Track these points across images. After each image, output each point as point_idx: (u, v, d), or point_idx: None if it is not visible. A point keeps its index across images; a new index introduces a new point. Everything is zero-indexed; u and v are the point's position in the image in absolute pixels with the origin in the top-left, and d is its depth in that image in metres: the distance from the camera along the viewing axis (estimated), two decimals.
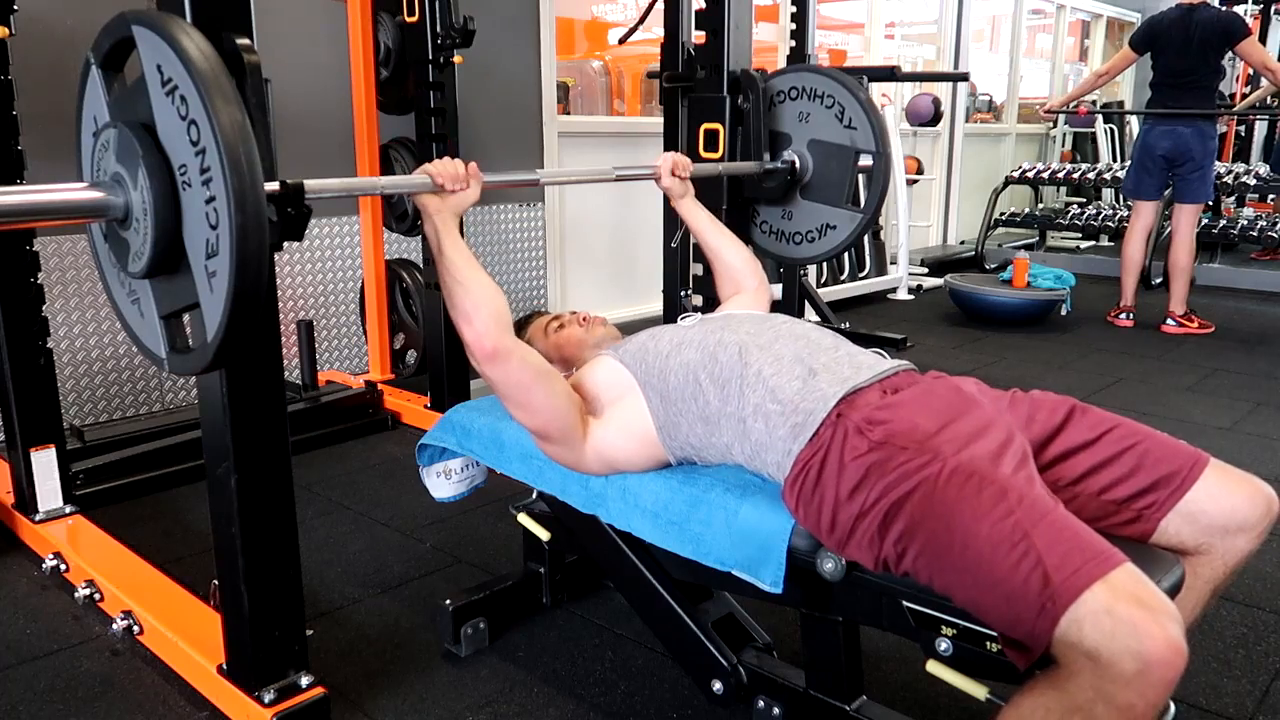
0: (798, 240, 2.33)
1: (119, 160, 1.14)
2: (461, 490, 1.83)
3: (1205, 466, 1.30)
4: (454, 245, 1.45)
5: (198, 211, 1.06)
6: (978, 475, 1.15)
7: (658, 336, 1.55)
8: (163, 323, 1.21)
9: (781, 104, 2.27)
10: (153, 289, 1.21)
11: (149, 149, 1.10)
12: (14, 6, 2.09)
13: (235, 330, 1.08)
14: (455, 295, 1.42)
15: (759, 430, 1.36)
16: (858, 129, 2.12)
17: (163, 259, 1.12)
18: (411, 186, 1.49)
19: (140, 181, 1.10)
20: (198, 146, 1.03)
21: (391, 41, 3.18)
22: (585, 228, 4.67)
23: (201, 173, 1.04)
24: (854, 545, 1.24)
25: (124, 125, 1.13)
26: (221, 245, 1.03)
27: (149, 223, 1.10)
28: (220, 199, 1.01)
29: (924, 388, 1.38)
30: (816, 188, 2.24)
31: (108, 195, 1.15)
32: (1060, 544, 1.05)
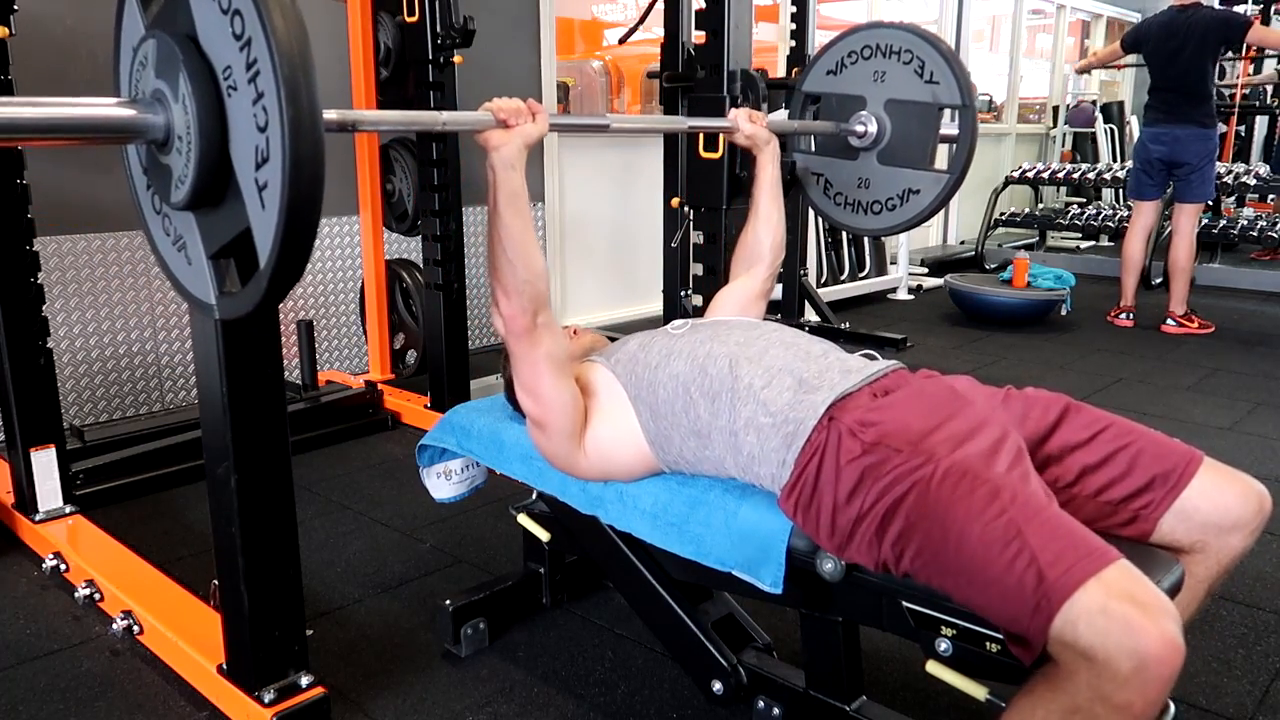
0: (877, 209, 2.12)
1: (158, 75, 1.05)
2: (461, 491, 1.83)
3: (1199, 464, 1.31)
4: (512, 202, 1.37)
5: (245, 117, 0.97)
6: (971, 475, 1.15)
7: (648, 346, 1.52)
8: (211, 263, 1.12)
9: (853, 64, 2.10)
10: (198, 224, 1.12)
11: (189, 52, 1.01)
12: (14, 6, 2.09)
13: (290, 250, 0.98)
14: (501, 268, 1.37)
15: (751, 443, 1.36)
16: (940, 83, 1.96)
17: (208, 180, 1.03)
18: (473, 123, 1.39)
19: (181, 90, 1.01)
20: (242, 39, 0.94)
21: (391, 41, 3.18)
22: (585, 227, 4.67)
23: (248, 69, 0.94)
24: (854, 548, 1.24)
25: (161, 33, 1.05)
26: (272, 148, 0.94)
27: (192, 136, 1.01)
28: (270, 93, 0.92)
29: (916, 388, 1.38)
30: (896, 150, 2.07)
31: (145, 113, 1.05)
32: (1054, 542, 1.05)
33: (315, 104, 0.93)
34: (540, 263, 1.39)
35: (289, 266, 1.00)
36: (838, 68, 2.14)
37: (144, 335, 3.17)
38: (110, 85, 1.26)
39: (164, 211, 1.17)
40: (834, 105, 2.15)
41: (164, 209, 1.17)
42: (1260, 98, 7.52)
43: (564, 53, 5.12)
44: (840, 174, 2.18)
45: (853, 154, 2.13)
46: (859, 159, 2.12)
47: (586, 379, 1.54)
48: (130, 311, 3.13)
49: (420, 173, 3.06)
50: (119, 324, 3.11)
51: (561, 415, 1.45)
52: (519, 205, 1.38)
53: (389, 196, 3.40)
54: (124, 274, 3.08)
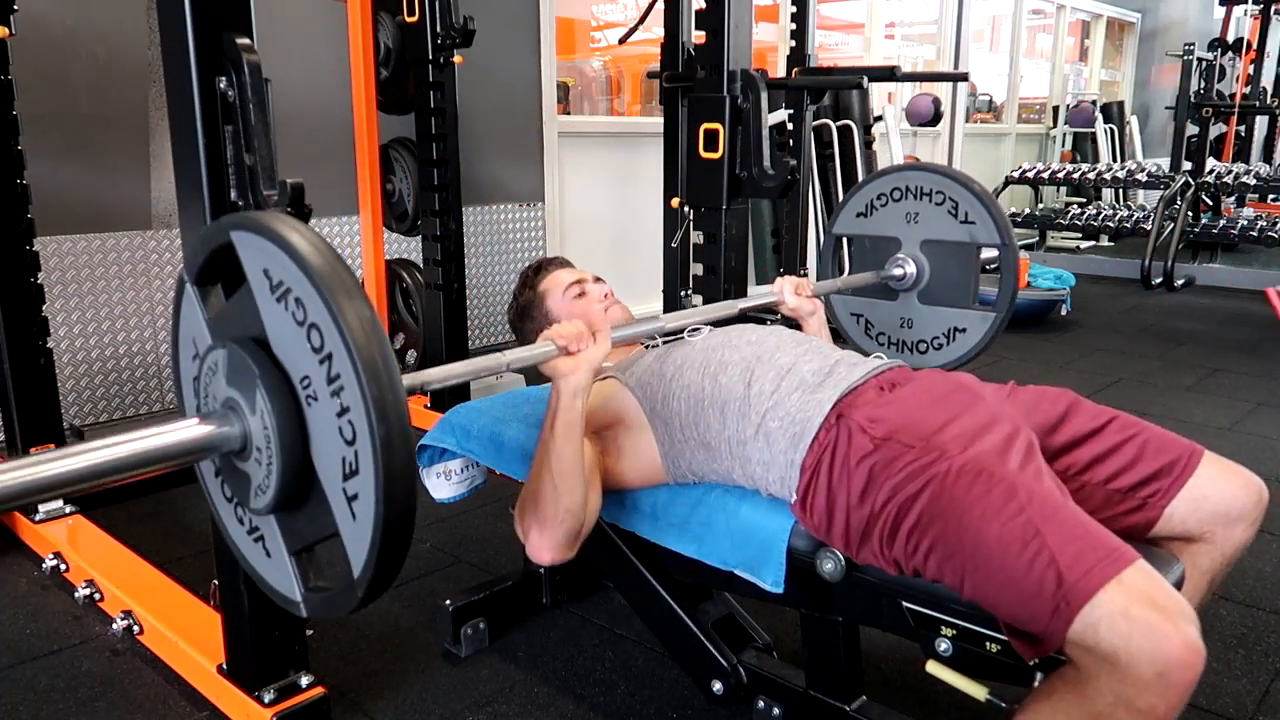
0: (923, 349, 2.11)
1: (230, 383, 1.00)
2: (461, 491, 1.83)
3: (1202, 457, 1.32)
4: (569, 430, 1.32)
5: (328, 428, 0.93)
6: (986, 472, 1.15)
7: (663, 357, 1.51)
8: (293, 559, 1.06)
9: (883, 206, 2.12)
10: (279, 523, 1.06)
11: (264, 365, 0.96)
12: (14, 6, 2.09)
13: (387, 559, 0.94)
14: (543, 496, 1.32)
15: (759, 450, 1.35)
16: (976, 223, 1.98)
17: (291, 489, 0.98)
18: (538, 357, 1.34)
19: (259, 404, 0.97)
20: (321, 353, 0.91)
21: (391, 41, 3.18)
22: (585, 228, 4.67)
23: (329, 382, 0.91)
24: (868, 549, 1.23)
25: (232, 343, 1.00)
26: (363, 463, 0.90)
27: (273, 449, 0.96)
28: (356, 408, 0.88)
29: (924, 383, 1.38)
30: (937, 290, 2.07)
31: (221, 426, 1.00)
32: (1073, 542, 1.05)
33: (406, 420, 0.90)
34: (583, 496, 1.34)
35: (386, 574, 0.96)
36: (868, 210, 2.13)
37: (144, 335, 3.17)
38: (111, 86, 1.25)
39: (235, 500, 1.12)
40: (868, 247, 2.14)
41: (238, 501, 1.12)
42: (1260, 98, 7.52)
43: (565, 52, 5.12)
44: (881, 315, 2.16)
45: (893, 295, 2.12)
46: (899, 299, 2.11)
47: (604, 399, 1.52)
48: (130, 311, 3.12)
49: (420, 173, 3.06)
50: (119, 324, 3.11)
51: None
52: (574, 434, 1.33)
53: (389, 196, 3.39)
54: (124, 274, 3.08)
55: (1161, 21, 9.99)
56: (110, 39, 2.89)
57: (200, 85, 1.32)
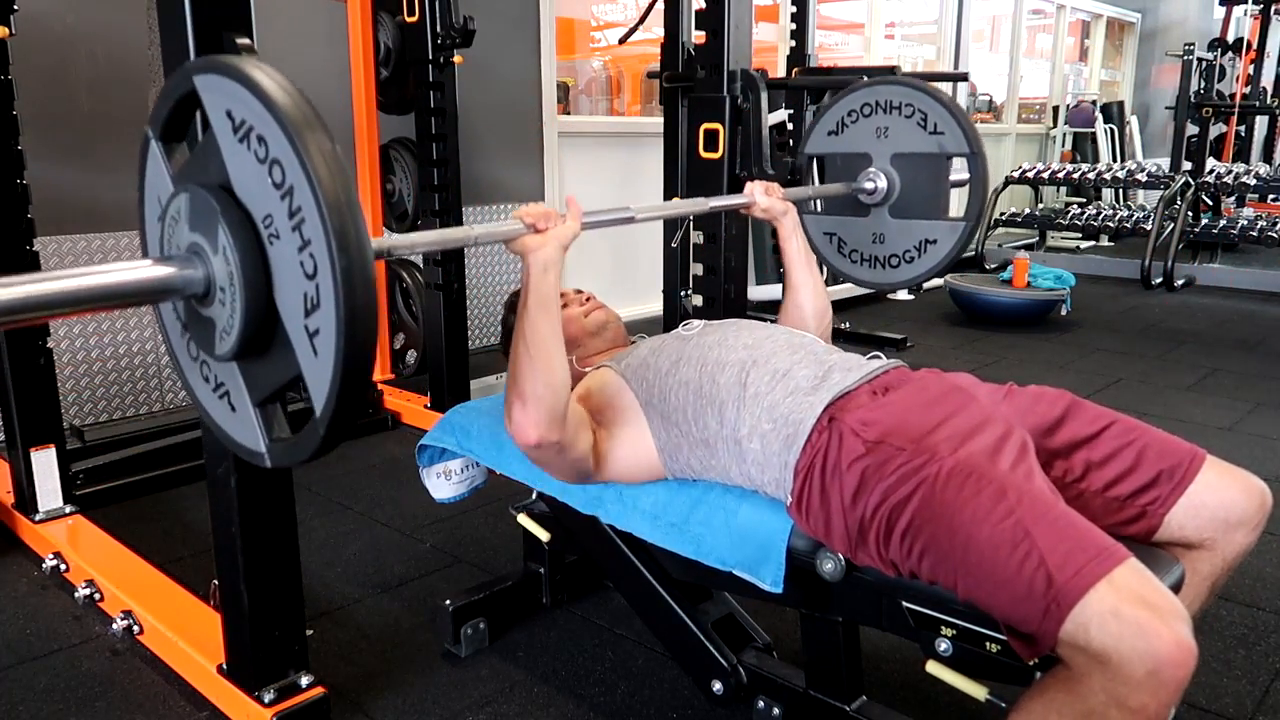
0: (895, 263, 2.12)
1: (193, 228, 1.02)
2: (461, 491, 1.83)
3: (1203, 461, 1.31)
4: (543, 306, 1.33)
5: (290, 263, 0.94)
6: (976, 474, 1.15)
7: (658, 351, 1.52)
8: (258, 411, 1.08)
9: (853, 123, 2.11)
10: (243, 373, 1.07)
11: (225, 203, 0.98)
12: (14, 6, 2.09)
13: (348, 396, 0.94)
14: (521, 371, 1.33)
15: (754, 450, 1.36)
16: (945, 133, 1.98)
17: (255, 329, 0.99)
18: (506, 233, 1.36)
19: (221, 242, 0.98)
20: (283, 188, 0.93)
21: (391, 41, 3.18)
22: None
23: (291, 216, 0.92)
24: (865, 552, 1.24)
25: (195, 187, 1.02)
26: (324, 296, 0.91)
27: (236, 287, 0.98)
28: (317, 241, 0.90)
29: (917, 385, 1.38)
30: (908, 203, 2.08)
31: (185, 269, 1.02)
32: (1062, 543, 1.05)
33: (366, 249, 0.90)
34: (563, 375, 1.34)
35: (347, 411, 0.96)
36: (839, 128, 2.14)
37: (144, 335, 3.17)
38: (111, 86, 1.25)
39: (202, 358, 1.13)
40: (839, 165, 2.15)
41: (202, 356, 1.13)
42: (1260, 98, 7.52)
43: (564, 53, 5.12)
44: (853, 231, 2.17)
45: (864, 211, 2.12)
46: (871, 215, 2.12)
47: (599, 386, 1.53)
48: (130, 311, 3.12)
49: (420, 173, 3.06)
50: (119, 324, 3.11)
51: (576, 474, 1.46)
52: (550, 308, 1.34)
53: (389, 196, 3.40)
54: None
55: (1161, 21, 9.99)
56: (110, 39, 2.90)
57: None
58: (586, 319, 1.74)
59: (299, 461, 1.04)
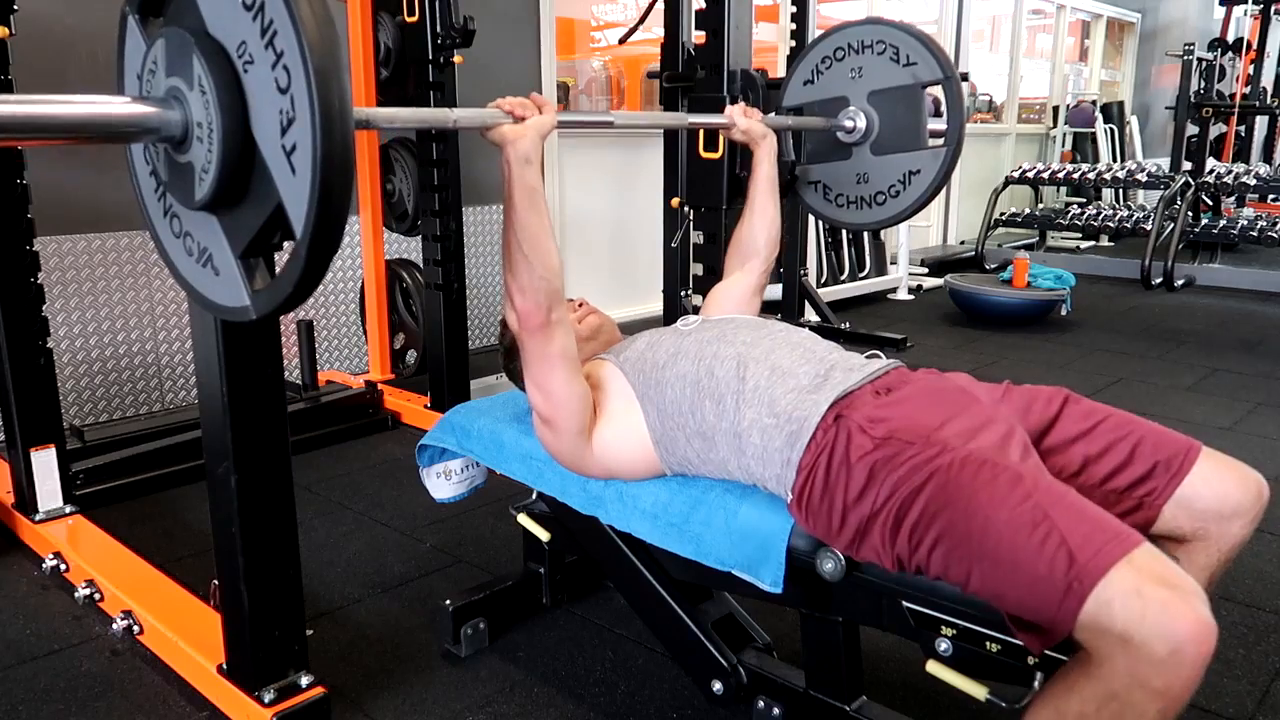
0: (881, 200, 2.12)
1: (169, 73, 1.03)
2: (461, 491, 1.83)
3: (1199, 452, 1.31)
4: (529, 196, 1.35)
5: (265, 86, 0.94)
6: (990, 463, 1.15)
7: (655, 345, 1.52)
8: (240, 263, 1.07)
9: (828, 69, 2.13)
10: (223, 226, 1.07)
11: (200, 37, 0.98)
12: (14, 6, 2.09)
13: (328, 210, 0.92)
14: (517, 264, 1.35)
15: (755, 445, 1.36)
16: (918, 62, 1.99)
17: (234, 162, 0.99)
18: (484, 119, 1.37)
19: (196, 74, 0.98)
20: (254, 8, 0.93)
21: (391, 41, 3.18)
22: (585, 227, 4.67)
23: (263, 34, 0.92)
24: (868, 547, 1.23)
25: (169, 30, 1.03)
26: (298, 106, 0.91)
27: (213, 116, 0.97)
28: (290, 48, 0.90)
29: (922, 385, 1.38)
30: (888, 139, 2.08)
31: (162, 109, 1.02)
32: (1082, 524, 1.05)
33: (338, 49, 0.91)
34: (556, 259, 1.38)
35: (329, 226, 0.94)
36: (814, 75, 2.17)
37: (144, 335, 3.17)
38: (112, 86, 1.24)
39: (184, 231, 1.14)
40: (818, 111, 2.17)
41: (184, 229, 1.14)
42: (1260, 98, 7.52)
43: (564, 53, 5.12)
44: (837, 175, 2.19)
45: (846, 152, 2.14)
46: (853, 156, 2.14)
47: (595, 376, 1.54)
48: (130, 311, 3.13)
49: (420, 172, 3.06)
50: (119, 324, 3.11)
51: (571, 413, 1.45)
52: (536, 200, 1.36)
53: (389, 196, 3.40)
54: (124, 274, 3.08)
55: (1161, 21, 9.99)
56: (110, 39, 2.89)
57: None
58: (580, 324, 1.74)
59: (283, 299, 1.02)
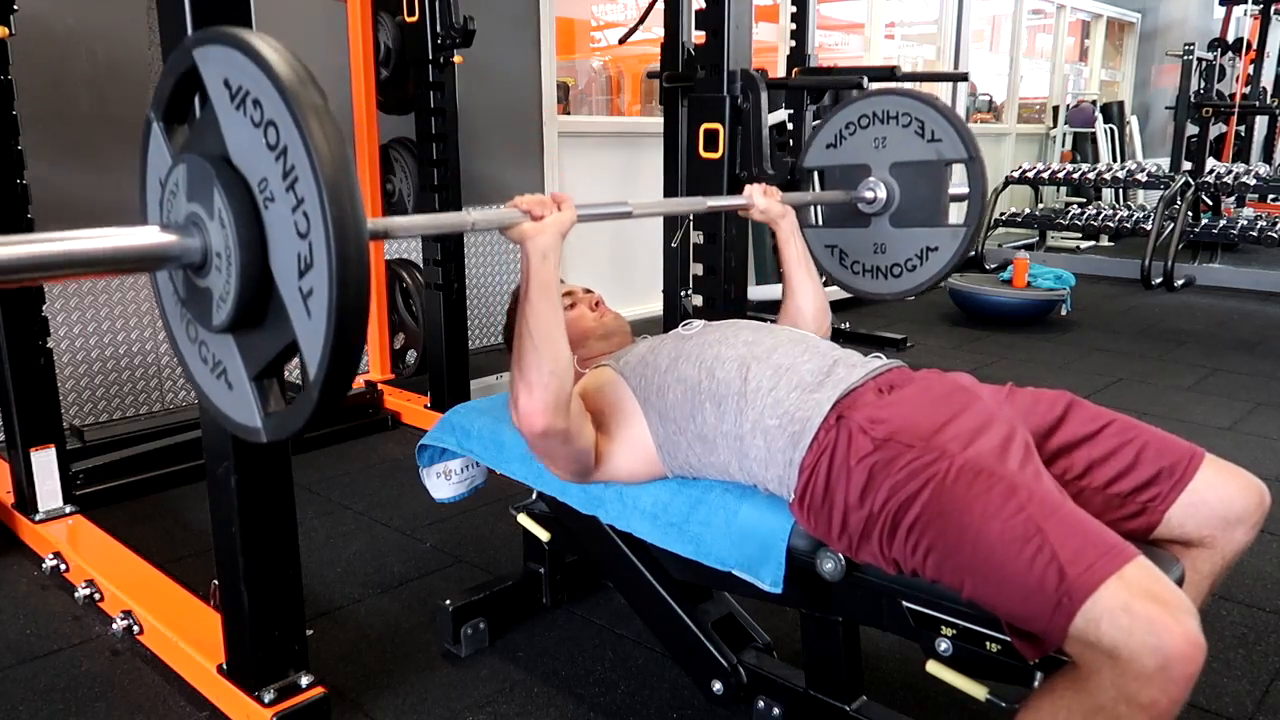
0: (897, 272, 2.12)
1: (190, 199, 1.04)
2: (461, 491, 1.83)
3: (1202, 459, 1.32)
4: (544, 292, 1.33)
5: (284, 226, 0.95)
6: (986, 472, 1.15)
7: (657, 349, 1.52)
8: (254, 385, 1.08)
9: (851, 135, 2.13)
10: (239, 346, 1.08)
11: (220, 168, 0.99)
12: (14, 6, 2.09)
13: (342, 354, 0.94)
14: (526, 357, 1.32)
15: (758, 447, 1.35)
16: (943, 140, 1.99)
17: (251, 293, 1.00)
18: (503, 219, 1.37)
19: (217, 206, 0.99)
20: (277, 149, 0.93)
21: (391, 41, 3.18)
22: (585, 227, 4.64)
23: (285, 177, 0.93)
24: (867, 549, 1.23)
25: (191, 156, 1.03)
26: (316, 253, 0.91)
27: (232, 250, 0.98)
28: (310, 197, 0.90)
29: (923, 384, 1.38)
30: (908, 212, 2.09)
31: (181, 237, 1.03)
32: (1073, 538, 1.05)
33: (358, 202, 0.91)
34: (567, 357, 1.34)
35: (341, 372, 0.95)
36: (837, 140, 2.15)
37: (144, 335, 3.17)
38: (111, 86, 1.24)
39: (200, 339, 1.14)
40: (839, 177, 2.16)
41: (200, 336, 1.14)
42: (1260, 98, 7.52)
43: (564, 53, 5.12)
44: (854, 242, 2.18)
45: (864, 221, 2.13)
46: (871, 225, 2.12)
47: (598, 383, 1.53)
48: (130, 311, 3.13)
49: (420, 173, 3.06)
50: (119, 324, 3.11)
51: (579, 467, 1.45)
52: (551, 295, 1.34)
53: (389, 196, 3.40)
54: None
55: (1161, 21, 9.99)
56: (110, 39, 2.90)
57: None
58: (600, 320, 1.74)
59: (294, 431, 1.03)
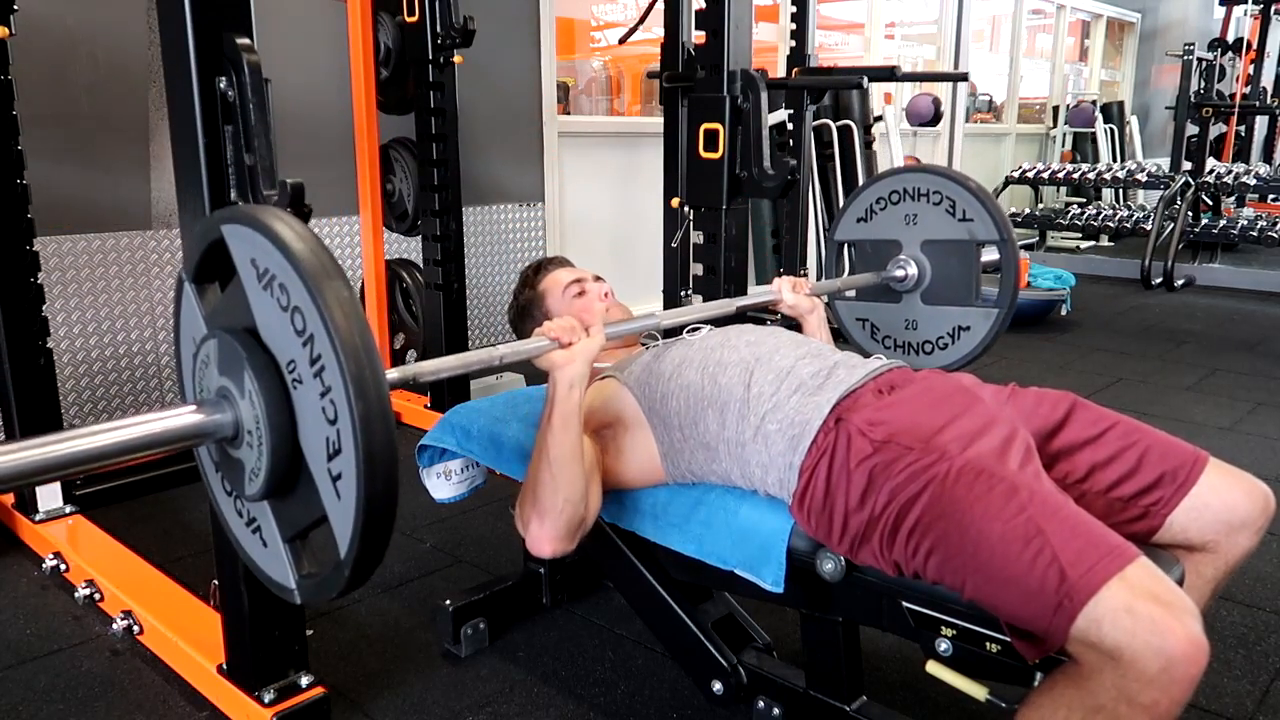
0: (929, 350, 2.12)
1: (222, 372, 1.05)
2: (461, 491, 1.83)
3: (1206, 463, 1.31)
4: (566, 421, 1.33)
5: (313, 409, 0.96)
6: (987, 473, 1.15)
7: (661, 356, 1.52)
8: (287, 547, 1.10)
9: (882, 210, 2.14)
10: (273, 510, 1.10)
11: (251, 349, 1.00)
12: (14, 6, 2.09)
13: (370, 539, 0.96)
14: (542, 486, 1.33)
15: (758, 453, 1.35)
16: (974, 220, 1.99)
17: (281, 472, 1.02)
18: (532, 351, 1.36)
19: (248, 387, 1.01)
20: (304, 335, 0.94)
21: (391, 41, 3.18)
22: (585, 227, 4.67)
23: (312, 363, 0.94)
24: (867, 551, 1.23)
25: (222, 332, 1.05)
26: (344, 441, 0.93)
27: (262, 432, 1.00)
28: (337, 388, 0.91)
29: (923, 385, 1.38)
30: (939, 289, 2.09)
31: (214, 414, 1.05)
32: (1075, 539, 1.05)
33: (385, 397, 0.92)
34: (581, 487, 1.35)
35: (370, 554, 0.98)
36: (868, 215, 2.15)
37: (144, 335, 3.17)
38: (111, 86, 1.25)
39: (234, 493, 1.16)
40: (869, 251, 2.16)
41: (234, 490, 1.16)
42: (1260, 98, 7.52)
43: (564, 53, 5.12)
44: (885, 317, 2.18)
45: (895, 297, 2.13)
46: (902, 301, 2.13)
47: (603, 397, 1.52)
48: (130, 311, 3.12)
49: (420, 173, 3.06)
50: (119, 324, 3.11)
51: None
52: (571, 425, 1.34)
53: (389, 196, 3.40)
54: (124, 274, 3.08)
55: (1161, 21, 9.99)
56: (110, 39, 2.89)
57: (200, 85, 1.32)
58: (606, 314, 1.74)
59: (326, 598, 1.06)
